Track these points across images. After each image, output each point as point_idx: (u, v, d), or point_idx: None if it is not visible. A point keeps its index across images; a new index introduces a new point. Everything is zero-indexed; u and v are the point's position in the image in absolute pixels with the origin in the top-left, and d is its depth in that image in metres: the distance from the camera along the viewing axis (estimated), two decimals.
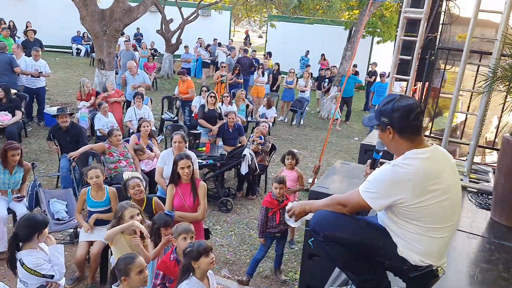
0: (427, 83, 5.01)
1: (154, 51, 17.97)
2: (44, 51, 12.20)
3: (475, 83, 4.71)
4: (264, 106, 10.64)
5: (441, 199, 2.01)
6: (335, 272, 2.97)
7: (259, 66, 12.71)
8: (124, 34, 16.50)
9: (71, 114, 6.48)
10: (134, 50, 14.78)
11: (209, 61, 16.71)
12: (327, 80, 13.66)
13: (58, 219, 4.69)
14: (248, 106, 10.28)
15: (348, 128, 12.45)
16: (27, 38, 11.78)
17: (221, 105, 8.46)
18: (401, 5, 4.97)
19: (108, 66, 9.89)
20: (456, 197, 2.11)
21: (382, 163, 2.29)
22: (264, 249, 4.62)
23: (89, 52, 18.76)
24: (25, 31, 13.04)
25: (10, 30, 14.74)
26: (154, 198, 4.19)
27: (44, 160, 7.32)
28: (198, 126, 7.91)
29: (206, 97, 8.08)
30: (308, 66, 14.58)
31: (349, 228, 2.22)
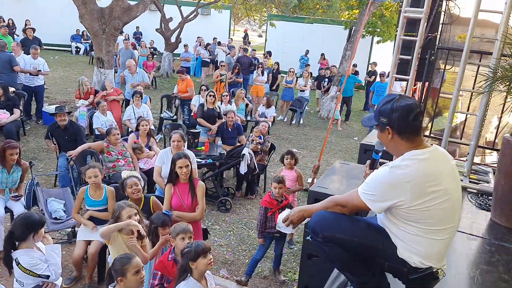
0: (427, 83, 4.99)
1: (154, 49, 17.94)
2: (43, 49, 12.15)
3: (475, 83, 4.70)
4: (263, 106, 10.62)
5: (440, 200, 1.99)
6: (334, 273, 2.95)
7: (259, 65, 12.69)
8: (123, 32, 16.49)
9: (69, 113, 6.44)
10: (134, 48, 14.75)
11: (209, 60, 16.68)
12: (327, 79, 13.66)
13: (55, 218, 4.66)
14: (248, 105, 10.25)
15: (348, 127, 12.43)
16: (26, 36, 11.74)
17: (220, 104, 8.43)
18: (401, 4, 4.94)
19: (107, 64, 9.87)
20: (456, 198, 2.09)
21: (382, 163, 2.27)
22: (263, 249, 4.60)
23: (88, 50, 18.74)
24: (24, 29, 13.00)
25: (9, 28, 14.71)
26: (152, 197, 4.17)
27: (42, 159, 7.30)
28: (197, 125, 7.89)
29: (205, 96, 8.06)
30: (307, 65, 14.55)
31: (348, 229, 2.21)
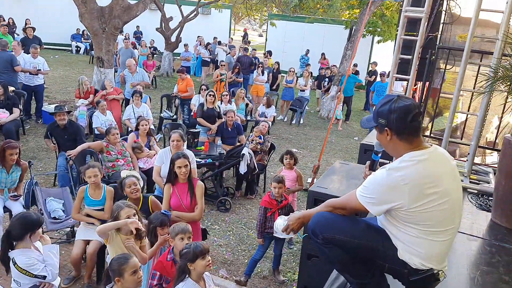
0: (428, 82, 4.97)
1: (154, 49, 17.93)
2: (43, 48, 12.14)
3: (476, 83, 4.68)
4: (263, 105, 10.60)
5: (440, 202, 1.97)
6: (333, 274, 2.93)
7: (259, 65, 12.66)
8: (123, 32, 16.47)
9: (69, 112, 6.43)
10: (134, 48, 14.73)
11: (209, 60, 16.67)
12: (327, 79, 13.63)
13: (54, 218, 4.65)
14: (248, 105, 10.23)
15: (348, 127, 12.41)
16: (26, 35, 11.73)
17: (220, 103, 8.42)
18: (402, 4, 4.92)
19: (107, 64, 9.86)
20: (456, 199, 2.07)
21: (382, 164, 2.25)
22: (262, 250, 4.58)
23: (88, 49, 18.72)
24: (24, 28, 12.98)
25: (10, 27, 14.68)
26: (151, 196, 4.16)
27: (42, 158, 7.29)
28: (197, 124, 7.87)
29: (205, 95, 8.04)
30: (308, 65, 14.54)
31: (349, 230, 2.19)
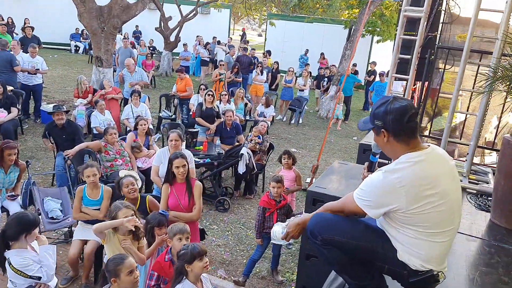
0: (427, 82, 4.96)
1: (153, 49, 17.91)
2: (42, 48, 12.11)
3: (475, 83, 4.67)
4: (262, 105, 10.59)
5: (438, 203, 1.95)
6: (332, 275, 2.92)
7: (258, 65, 12.65)
8: (121, 31, 16.44)
9: (67, 112, 6.41)
10: (133, 47, 14.70)
11: (208, 59, 16.65)
12: (326, 79, 13.62)
13: (52, 218, 4.63)
14: (247, 104, 10.22)
15: (347, 127, 12.40)
16: (25, 34, 11.70)
17: (219, 103, 8.40)
18: (401, 4, 4.91)
19: (106, 63, 9.83)
20: (455, 200, 2.05)
21: (382, 164, 2.24)
22: (261, 250, 4.56)
23: (87, 49, 18.69)
24: (23, 27, 12.95)
25: (9, 26, 14.65)
26: (148, 196, 4.13)
27: (40, 158, 7.26)
28: (195, 124, 7.85)
29: (204, 95, 8.03)
30: (307, 65, 14.51)
31: (348, 231, 2.17)
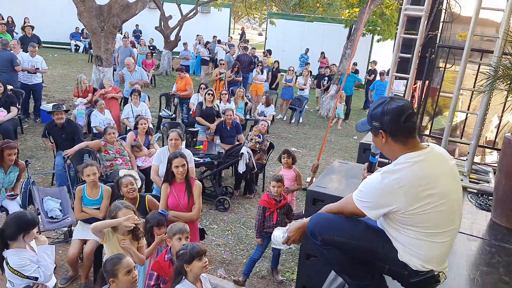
0: (427, 81, 4.95)
1: (153, 48, 17.89)
2: (42, 47, 12.09)
3: (476, 82, 4.65)
4: (262, 104, 10.57)
5: (437, 203, 1.94)
6: (331, 275, 2.91)
7: (258, 64, 12.63)
8: (122, 30, 16.42)
9: (67, 111, 6.40)
10: (133, 46, 14.69)
11: (208, 59, 16.64)
12: (327, 78, 13.60)
13: (51, 217, 4.62)
14: (247, 104, 10.21)
15: (348, 126, 12.38)
16: (25, 34, 11.68)
17: (219, 102, 8.39)
18: (402, 2, 4.90)
19: (106, 62, 9.81)
20: (456, 200, 2.04)
21: (382, 163, 2.22)
22: (261, 249, 4.55)
23: (87, 48, 18.67)
24: (23, 26, 12.94)
25: (9, 26, 14.64)
26: (147, 196, 4.12)
27: (40, 157, 7.25)
28: (195, 123, 7.84)
29: (204, 94, 8.02)
30: (307, 64, 14.49)
31: (348, 231, 2.16)
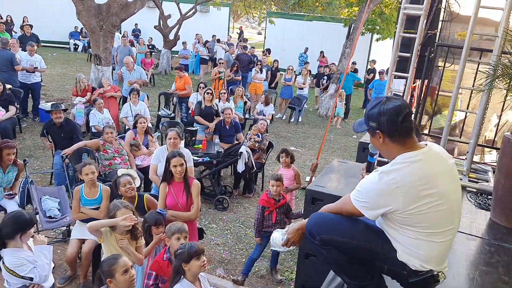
0: (426, 80, 4.93)
1: (152, 47, 17.86)
2: (41, 46, 12.05)
3: (475, 81, 4.64)
4: (262, 103, 10.55)
5: (436, 203, 1.92)
6: (330, 275, 2.90)
7: (257, 63, 12.62)
8: (121, 29, 16.39)
9: (65, 110, 6.38)
10: (131, 45, 14.66)
11: (207, 58, 16.62)
12: (326, 77, 13.59)
13: (50, 216, 4.60)
14: (246, 103, 10.19)
15: (347, 125, 12.36)
16: (24, 33, 11.66)
17: (218, 102, 8.38)
18: (401, 1, 4.88)
19: (105, 61, 9.78)
20: (455, 200, 2.02)
21: (383, 163, 2.21)
22: (260, 249, 4.55)
23: (86, 47, 18.64)
24: (22, 25, 12.92)
25: (8, 25, 14.62)
26: (146, 195, 4.12)
27: (38, 156, 7.24)
28: (194, 123, 7.83)
29: (203, 93, 8.00)
30: (306, 63, 14.49)
31: (347, 231, 2.15)
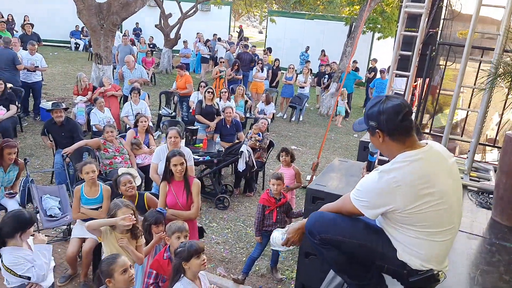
0: (428, 79, 4.92)
1: (153, 46, 17.84)
2: (42, 45, 12.05)
3: (476, 80, 4.62)
4: (262, 102, 10.54)
5: (436, 202, 1.91)
6: (330, 274, 2.89)
7: (258, 62, 12.60)
8: (122, 28, 16.38)
9: (66, 109, 6.38)
10: (132, 44, 14.65)
11: (208, 57, 16.60)
12: (327, 76, 13.57)
13: (50, 215, 4.60)
14: (247, 102, 10.18)
15: (348, 124, 12.34)
16: (25, 32, 11.66)
17: (219, 100, 8.37)
18: (402, 0, 4.86)
19: (105, 60, 9.78)
20: (455, 199, 2.01)
21: (384, 161, 2.20)
22: (260, 248, 4.54)
23: (87, 46, 18.63)
24: (23, 24, 12.92)
25: (9, 23, 14.62)
26: (146, 193, 4.11)
27: (39, 155, 7.24)
28: (195, 122, 7.82)
29: (204, 92, 8.00)
30: (308, 62, 14.47)
31: (347, 230, 2.14)
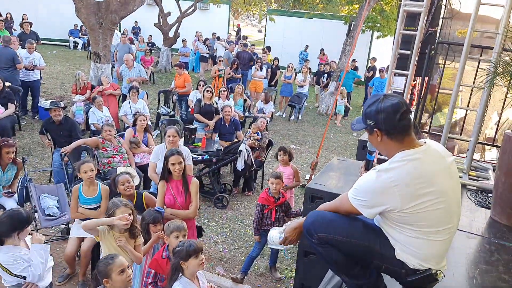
0: (427, 78, 4.91)
1: (152, 44, 17.82)
2: (41, 44, 12.00)
3: (476, 78, 4.62)
4: (261, 101, 10.53)
5: (434, 202, 1.91)
6: (329, 274, 2.89)
7: (257, 60, 12.59)
8: (120, 27, 16.35)
9: (64, 108, 6.36)
10: (131, 43, 14.62)
11: (207, 55, 16.58)
12: (326, 75, 13.57)
13: (49, 214, 4.59)
14: (246, 101, 10.17)
15: (347, 123, 12.34)
16: (23, 30, 11.62)
17: (217, 99, 8.36)
18: None
19: (104, 59, 9.76)
20: (454, 198, 2.00)
21: (383, 160, 2.19)
22: (259, 247, 4.54)
23: (86, 45, 18.61)
24: (21, 23, 12.88)
25: (7, 22, 14.58)
26: (144, 192, 4.10)
27: (37, 154, 7.22)
28: (194, 121, 7.81)
29: (202, 91, 7.98)
30: (307, 61, 14.46)
31: (345, 230, 2.13)
